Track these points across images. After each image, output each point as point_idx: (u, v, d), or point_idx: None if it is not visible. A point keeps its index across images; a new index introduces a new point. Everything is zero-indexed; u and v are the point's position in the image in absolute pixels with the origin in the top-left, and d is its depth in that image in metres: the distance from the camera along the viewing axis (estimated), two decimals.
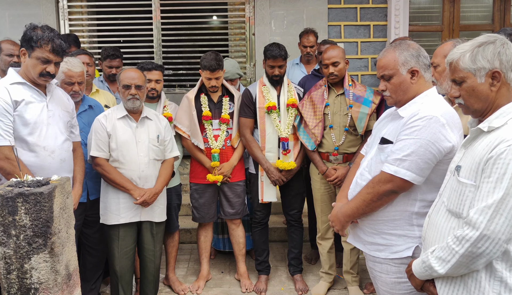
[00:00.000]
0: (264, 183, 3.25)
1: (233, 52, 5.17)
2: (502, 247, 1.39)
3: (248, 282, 3.43)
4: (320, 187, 3.20)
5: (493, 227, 1.37)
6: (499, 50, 1.47)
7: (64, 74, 2.70)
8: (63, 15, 5.02)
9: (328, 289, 3.34)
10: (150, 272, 2.99)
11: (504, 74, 1.47)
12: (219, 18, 5.55)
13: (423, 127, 1.73)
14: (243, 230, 3.48)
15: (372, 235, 1.91)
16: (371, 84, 5.01)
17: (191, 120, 3.24)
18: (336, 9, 4.98)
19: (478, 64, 1.48)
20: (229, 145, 3.32)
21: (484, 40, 1.50)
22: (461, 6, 5.13)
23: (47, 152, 2.34)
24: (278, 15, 4.97)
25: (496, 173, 1.38)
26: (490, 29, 5.15)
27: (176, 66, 5.16)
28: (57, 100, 2.46)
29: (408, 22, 4.90)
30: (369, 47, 5.04)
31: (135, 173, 2.77)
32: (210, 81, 3.19)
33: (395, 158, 1.77)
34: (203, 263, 3.50)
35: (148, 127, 2.85)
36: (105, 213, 2.81)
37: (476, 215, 1.40)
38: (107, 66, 3.73)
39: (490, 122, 1.47)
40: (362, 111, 3.00)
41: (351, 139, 3.06)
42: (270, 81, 3.25)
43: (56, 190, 1.66)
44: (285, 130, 3.21)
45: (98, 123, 2.75)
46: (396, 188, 1.78)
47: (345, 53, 3.11)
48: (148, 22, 5.06)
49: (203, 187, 3.34)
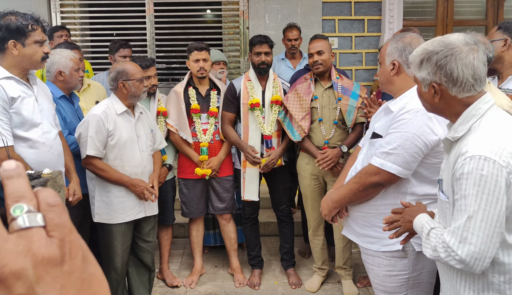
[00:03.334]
0: (246, 181, 3.24)
1: (227, 46, 5.14)
2: (481, 265, 1.30)
3: (241, 277, 3.43)
4: (310, 183, 3.17)
5: (467, 248, 1.29)
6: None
7: (73, 61, 2.75)
8: (55, 7, 4.95)
9: (321, 283, 3.36)
10: (147, 263, 2.97)
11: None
12: (212, 11, 5.52)
13: (409, 121, 1.73)
14: (234, 225, 3.47)
15: (365, 227, 1.92)
16: (366, 79, 5.00)
17: (179, 114, 3.22)
18: (331, 3, 4.96)
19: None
20: (217, 140, 3.30)
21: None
22: (454, 1, 5.13)
23: (46, 147, 2.28)
24: (272, 9, 4.94)
25: (461, 189, 1.31)
26: (484, 24, 5.16)
27: (169, 60, 5.13)
28: (42, 93, 2.38)
29: (402, 17, 4.90)
30: (363, 41, 5.03)
31: (138, 169, 2.73)
32: (198, 63, 3.16)
33: (382, 151, 1.78)
34: (196, 257, 3.50)
35: (143, 122, 2.83)
36: (107, 212, 2.71)
37: (448, 237, 1.33)
38: (121, 57, 3.64)
39: (455, 131, 1.39)
40: (350, 104, 2.99)
41: (340, 132, 3.05)
42: (257, 72, 3.20)
43: (48, 183, 1.64)
44: (269, 127, 3.18)
45: (99, 121, 2.59)
46: (382, 181, 1.78)
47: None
48: (141, 15, 5.01)
49: (192, 182, 3.32)
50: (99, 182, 2.71)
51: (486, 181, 1.26)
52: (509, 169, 1.27)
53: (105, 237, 2.78)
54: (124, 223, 2.75)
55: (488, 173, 1.26)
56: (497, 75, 2.68)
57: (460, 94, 1.36)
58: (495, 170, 1.26)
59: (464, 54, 1.34)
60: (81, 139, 2.65)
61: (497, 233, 1.28)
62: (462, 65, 1.33)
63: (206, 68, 3.21)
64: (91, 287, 0.41)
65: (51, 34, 4.04)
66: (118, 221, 2.72)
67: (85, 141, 2.62)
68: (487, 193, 1.27)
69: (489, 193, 1.26)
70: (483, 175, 1.27)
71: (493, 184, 1.26)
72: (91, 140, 2.59)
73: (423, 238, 1.45)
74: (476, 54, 1.35)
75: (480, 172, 1.27)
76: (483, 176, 1.27)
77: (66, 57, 2.78)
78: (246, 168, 3.23)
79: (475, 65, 1.33)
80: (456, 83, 1.35)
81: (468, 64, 1.33)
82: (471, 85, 1.35)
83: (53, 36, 4.02)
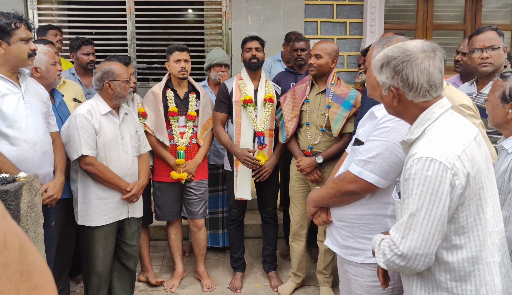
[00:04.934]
0: (239, 179, 3.22)
1: (209, 46, 5.09)
2: (423, 261, 1.36)
3: (208, 281, 3.40)
4: (294, 184, 3.17)
5: (408, 244, 1.34)
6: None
7: (47, 55, 2.69)
8: (32, 4, 4.82)
9: (295, 289, 3.32)
10: (130, 268, 2.91)
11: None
12: (194, 11, 5.46)
13: (391, 129, 1.69)
14: (205, 232, 3.44)
15: (347, 238, 1.87)
16: (347, 81, 5.04)
17: (157, 116, 3.17)
18: (313, 5, 4.98)
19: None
20: (194, 143, 3.26)
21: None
22: (434, 6, 5.22)
23: (29, 145, 2.24)
24: (255, 10, 4.92)
25: (408, 188, 1.36)
26: (462, 29, 5.26)
27: (150, 59, 5.05)
28: (32, 91, 2.37)
29: (384, 20, 4.95)
30: (345, 44, 5.06)
31: (123, 170, 2.69)
32: (180, 63, 3.13)
33: (361, 158, 1.73)
34: (177, 261, 3.45)
35: (128, 123, 2.78)
36: (88, 214, 2.65)
37: (393, 232, 1.39)
38: (83, 54, 3.57)
39: (411, 134, 1.44)
40: (339, 113, 2.93)
41: (327, 139, 3.00)
42: (248, 67, 3.19)
43: (23, 187, 1.58)
44: (261, 124, 3.17)
45: (83, 120, 2.55)
46: (358, 190, 1.74)
47: (338, 52, 3.07)
48: (121, 14, 4.92)
49: (166, 185, 3.27)
50: (81, 184, 2.66)
51: (430, 181, 1.31)
52: (454, 170, 1.31)
53: (86, 239, 2.72)
54: (107, 226, 2.69)
55: (433, 173, 1.31)
56: (475, 80, 2.71)
57: (416, 99, 1.42)
58: (440, 171, 1.31)
59: (420, 61, 1.38)
60: (71, 141, 2.58)
61: (439, 231, 1.34)
62: (417, 71, 1.38)
63: (187, 69, 3.17)
64: (31, 279, 0.36)
65: (46, 30, 3.96)
66: (100, 223, 2.67)
67: (76, 142, 2.55)
68: (430, 192, 1.32)
69: (433, 192, 1.31)
70: (428, 176, 1.32)
71: (437, 184, 1.31)
72: (83, 139, 2.54)
73: (376, 250, 1.49)
74: (432, 61, 1.39)
75: (425, 173, 1.32)
76: (428, 176, 1.32)
77: (40, 51, 2.69)
78: (238, 166, 3.20)
79: (430, 72, 1.38)
80: (412, 88, 1.40)
81: (424, 70, 1.38)
82: (426, 91, 1.40)
83: (47, 33, 3.95)
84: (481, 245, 1.40)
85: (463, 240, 1.39)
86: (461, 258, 1.40)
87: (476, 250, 1.40)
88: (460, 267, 1.40)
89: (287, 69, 3.78)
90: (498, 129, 1.93)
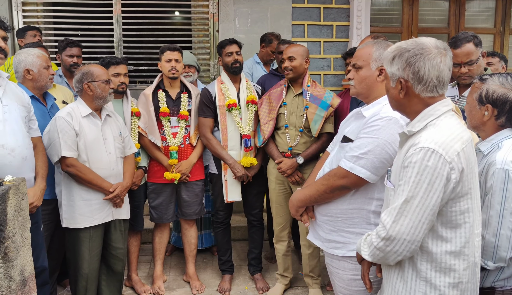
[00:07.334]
0: (228, 182, 3.22)
1: (196, 48, 5.09)
2: (409, 247, 1.42)
3: (198, 284, 3.39)
4: (275, 187, 3.19)
5: (398, 228, 1.40)
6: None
7: (40, 59, 2.69)
8: (17, 5, 4.76)
9: (284, 291, 3.34)
10: (118, 271, 2.89)
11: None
12: (182, 13, 5.45)
13: (382, 127, 1.76)
14: (196, 230, 3.43)
15: (330, 232, 1.93)
16: (334, 83, 5.08)
17: (148, 117, 3.17)
18: (300, 8, 5.01)
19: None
20: (187, 143, 3.26)
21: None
22: (419, 10, 5.30)
23: (6, 150, 2.18)
24: (242, 12, 4.94)
25: (406, 176, 1.41)
26: (446, 32, 5.35)
27: (137, 61, 5.03)
28: (11, 94, 2.30)
29: (370, 23, 5.01)
30: (331, 47, 5.11)
31: (106, 171, 2.68)
32: (170, 63, 3.15)
33: (352, 155, 1.80)
34: (157, 264, 3.42)
35: (111, 124, 2.78)
36: (73, 216, 2.64)
37: (385, 216, 1.45)
38: (67, 56, 3.54)
39: (412, 127, 1.50)
40: (317, 113, 2.98)
41: (306, 140, 3.05)
42: (231, 72, 3.21)
43: (10, 191, 1.57)
44: (247, 127, 3.19)
45: (63, 122, 2.56)
46: (349, 184, 1.81)
47: (309, 53, 3.11)
48: (108, 15, 4.89)
49: (160, 187, 3.26)
50: (65, 186, 2.66)
51: (429, 172, 1.37)
52: (452, 165, 1.37)
53: (72, 242, 2.70)
54: (92, 228, 2.68)
55: (432, 164, 1.37)
56: (457, 83, 2.74)
57: (423, 93, 1.47)
58: (439, 163, 1.37)
59: (433, 56, 1.44)
60: (51, 144, 2.58)
61: (429, 220, 1.40)
62: (429, 65, 1.44)
63: (178, 69, 3.18)
64: None
65: (25, 32, 3.92)
66: (84, 225, 2.66)
67: (56, 144, 2.55)
68: (427, 182, 1.37)
69: (429, 182, 1.37)
70: (428, 166, 1.37)
71: (435, 175, 1.37)
72: (62, 141, 2.54)
73: (362, 244, 1.57)
74: (443, 58, 1.45)
75: (425, 163, 1.37)
76: (427, 166, 1.37)
77: (33, 55, 2.69)
78: (227, 169, 3.20)
79: (440, 68, 1.44)
80: (421, 81, 1.45)
81: (435, 65, 1.44)
82: (434, 86, 1.46)
83: (25, 35, 3.90)
84: (466, 241, 1.46)
85: (449, 234, 1.45)
86: (445, 251, 1.45)
87: (460, 246, 1.45)
88: (442, 259, 1.45)
89: (271, 71, 3.80)
90: (475, 131, 1.98)
